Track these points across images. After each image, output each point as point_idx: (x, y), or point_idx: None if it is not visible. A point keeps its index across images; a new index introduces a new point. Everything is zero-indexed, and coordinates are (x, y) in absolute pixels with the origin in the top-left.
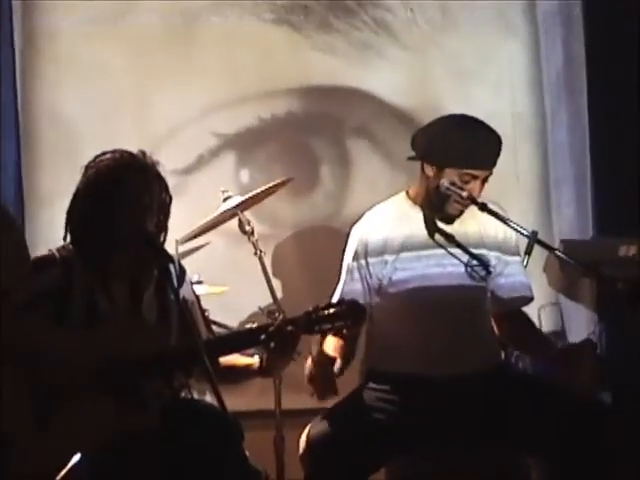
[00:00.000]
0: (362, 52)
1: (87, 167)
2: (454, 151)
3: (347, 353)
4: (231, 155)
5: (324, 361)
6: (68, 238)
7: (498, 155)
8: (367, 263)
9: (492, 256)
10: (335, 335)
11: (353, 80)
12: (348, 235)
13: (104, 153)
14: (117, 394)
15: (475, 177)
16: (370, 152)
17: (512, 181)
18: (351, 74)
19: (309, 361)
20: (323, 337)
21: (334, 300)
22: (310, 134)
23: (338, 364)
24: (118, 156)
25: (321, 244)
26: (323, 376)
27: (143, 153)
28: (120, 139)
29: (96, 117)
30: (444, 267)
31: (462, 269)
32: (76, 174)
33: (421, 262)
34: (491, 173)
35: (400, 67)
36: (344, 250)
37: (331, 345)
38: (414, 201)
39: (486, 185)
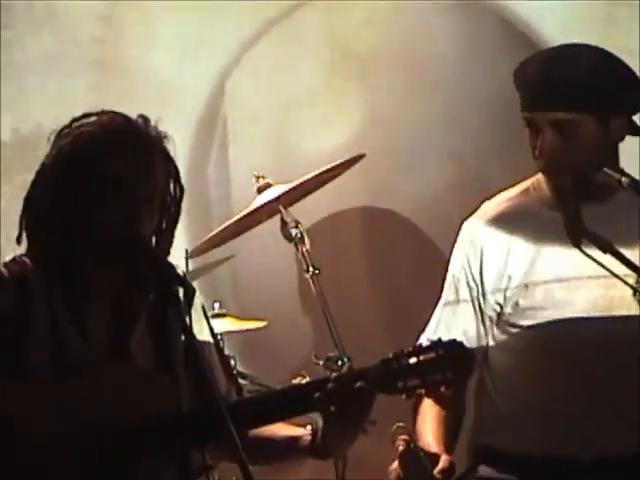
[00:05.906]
0: None
1: (59, 134)
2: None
3: (451, 429)
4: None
5: (419, 462)
6: (24, 243)
7: (579, 92)
8: (482, 276)
9: None
10: (429, 397)
11: None
12: (458, 232)
13: (86, 115)
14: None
15: (535, 125)
16: None
17: None
18: None
19: (394, 465)
20: (417, 402)
21: (426, 336)
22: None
23: (443, 462)
24: (106, 120)
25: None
26: None
27: (144, 119)
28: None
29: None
30: (598, 290)
31: (627, 294)
32: None
33: (562, 283)
34: (573, 119)
35: None
36: (448, 258)
37: (428, 420)
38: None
39: None
